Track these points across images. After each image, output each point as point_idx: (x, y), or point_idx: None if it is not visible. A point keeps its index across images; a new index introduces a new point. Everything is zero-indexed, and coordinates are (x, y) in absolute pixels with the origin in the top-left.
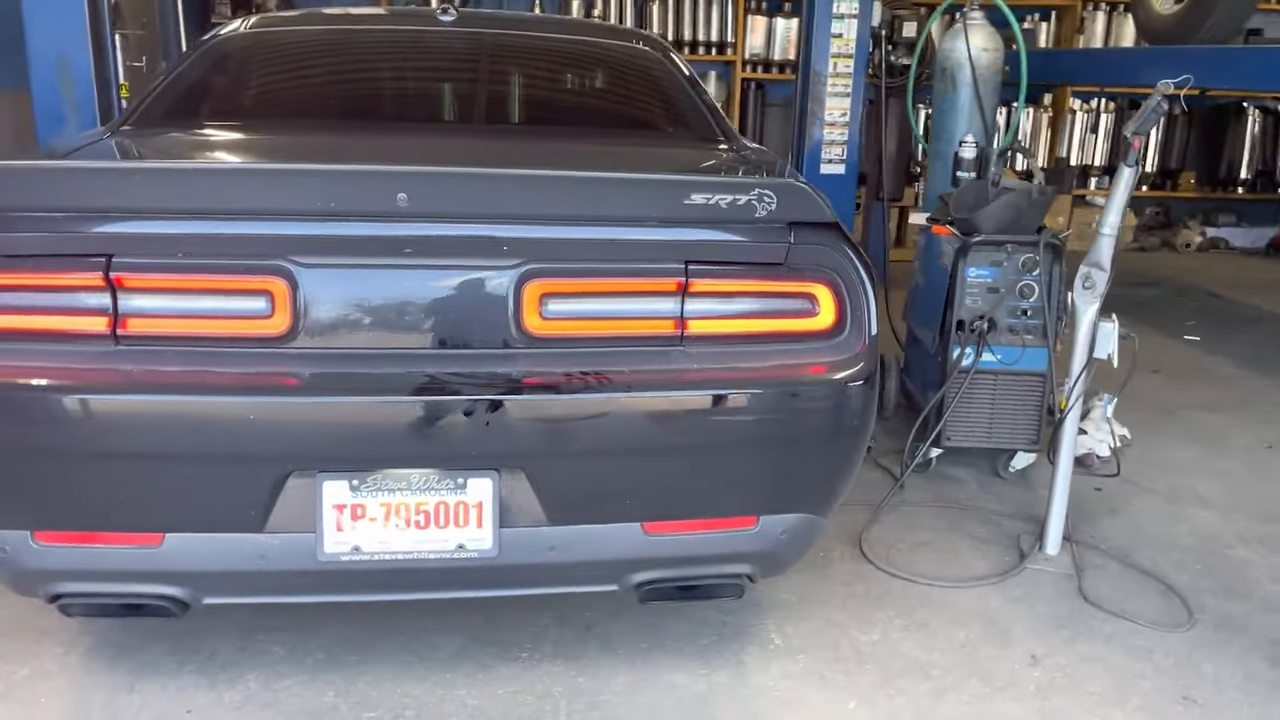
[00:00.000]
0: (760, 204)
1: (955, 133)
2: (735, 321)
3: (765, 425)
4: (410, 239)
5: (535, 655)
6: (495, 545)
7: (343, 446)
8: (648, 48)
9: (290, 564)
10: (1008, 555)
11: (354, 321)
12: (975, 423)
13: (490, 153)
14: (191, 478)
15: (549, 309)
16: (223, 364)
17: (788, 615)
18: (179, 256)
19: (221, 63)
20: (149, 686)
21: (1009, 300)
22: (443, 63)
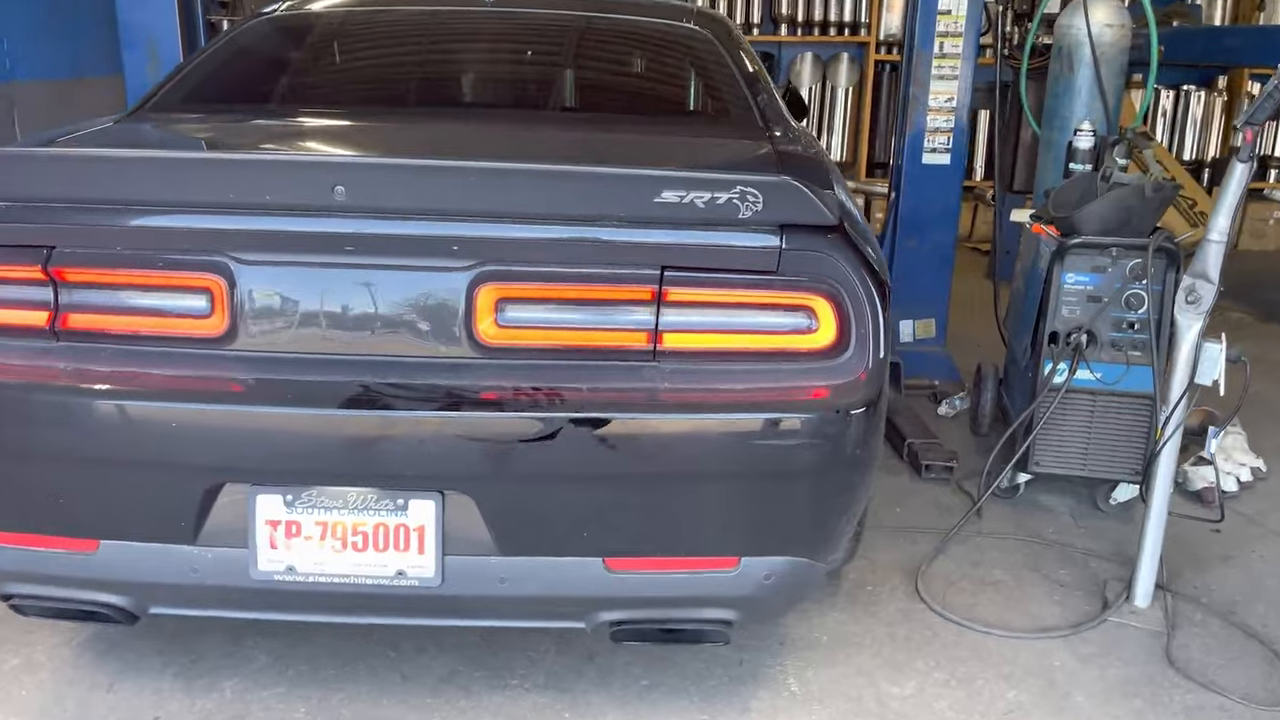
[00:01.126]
0: (744, 203)
1: (1070, 119)
2: (718, 336)
3: (749, 456)
4: (351, 236)
5: (525, 684)
6: (438, 574)
7: (276, 458)
8: (697, 28)
9: (223, 580)
10: (1088, 604)
11: (292, 324)
12: (1069, 447)
13: (494, 140)
14: (125, 484)
15: (505, 316)
16: (159, 365)
17: (813, 658)
18: (119, 250)
19: (247, 48)
20: (127, 686)
21: (1113, 311)
22: (476, 45)
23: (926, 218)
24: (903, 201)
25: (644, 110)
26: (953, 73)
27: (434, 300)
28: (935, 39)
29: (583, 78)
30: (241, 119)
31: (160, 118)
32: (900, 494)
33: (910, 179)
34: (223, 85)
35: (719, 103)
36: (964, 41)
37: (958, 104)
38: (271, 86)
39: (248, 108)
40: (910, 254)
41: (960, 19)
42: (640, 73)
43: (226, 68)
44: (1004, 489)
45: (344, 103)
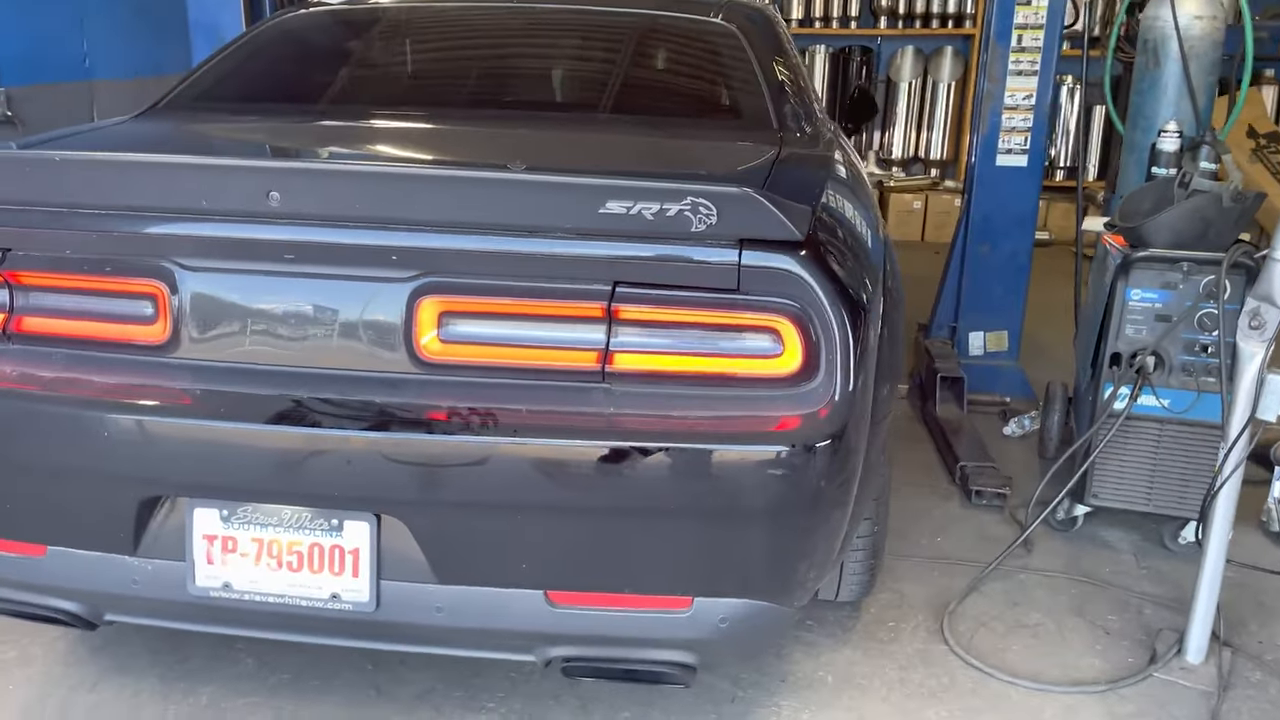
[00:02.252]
0: (696, 216)
1: (1155, 119)
2: (673, 359)
3: (703, 490)
4: (289, 243)
5: (501, 709)
6: (373, 599)
7: (212, 472)
8: (723, 23)
9: (161, 592)
10: (1134, 656)
11: (231, 333)
12: (1131, 480)
13: (476, 142)
14: (68, 491)
15: (445, 330)
16: (103, 371)
17: (813, 699)
18: (69, 254)
19: (263, 48)
20: (109, 687)
21: (1183, 333)
22: (487, 42)
23: (1000, 223)
24: (974, 206)
25: (647, 110)
26: (1032, 68)
27: (373, 312)
28: (1013, 31)
29: (586, 77)
30: (234, 121)
31: (160, 119)
32: (945, 521)
33: (982, 181)
34: (228, 87)
35: (731, 102)
36: (1045, 34)
37: (1037, 101)
38: (274, 88)
39: (247, 109)
40: (982, 261)
41: (1041, 9)
42: (649, 71)
43: (235, 69)
44: (1060, 521)
45: (339, 103)
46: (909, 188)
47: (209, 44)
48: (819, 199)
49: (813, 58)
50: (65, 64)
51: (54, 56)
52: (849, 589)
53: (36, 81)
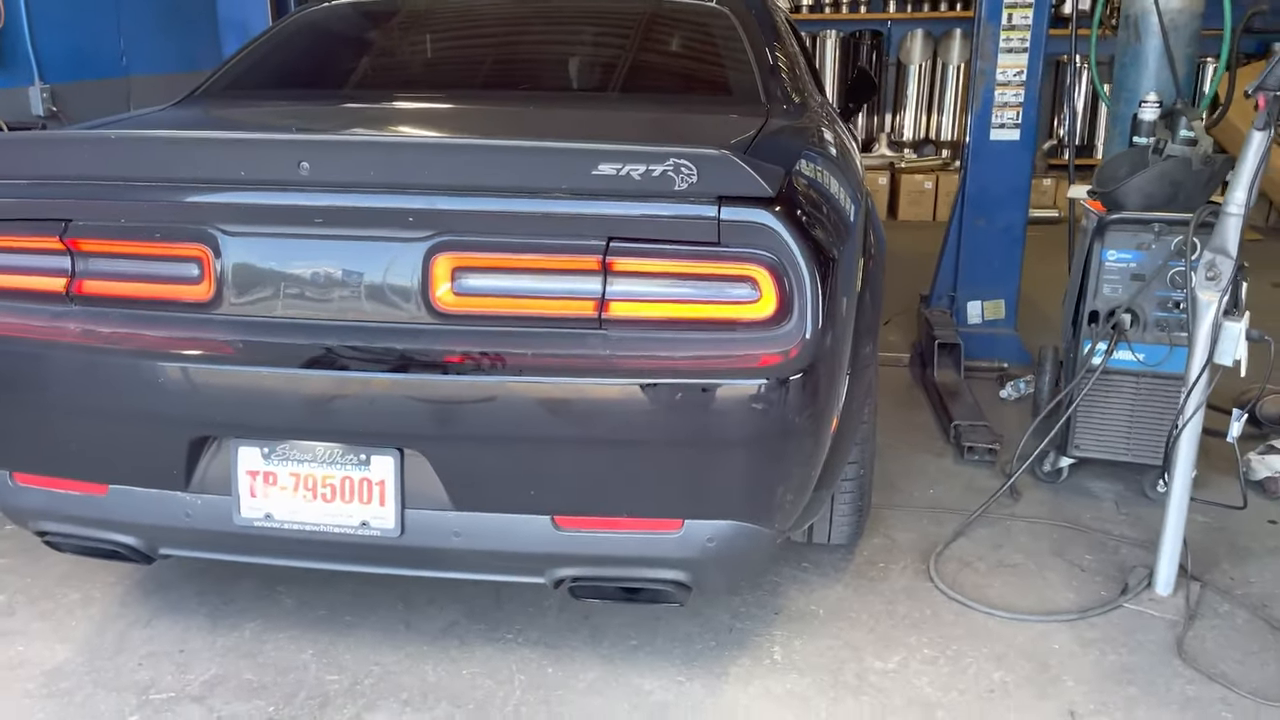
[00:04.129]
0: (679, 176)
1: (1138, 91)
2: (662, 305)
3: (690, 421)
4: (319, 209)
5: (519, 640)
6: (398, 525)
7: (254, 413)
8: (717, 5)
9: (211, 524)
10: (1106, 590)
11: (268, 290)
12: (1111, 431)
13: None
14: (127, 434)
15: (459, 284)
16: (156, 326)
17: (804, 629)
18: (124, 222)
19: (289, 39)
20: (163, 623)
21: (1156, 291)
22: (492, 29)
23: (995, 196)
24: (970, 179)
25: (643, 88)
26: (1022, 45)
27: (393, 269)
28: (1003, 10)
29: (587, 58)
30: (263, 104)
31: (195, 105)
32: (939, 475)
33: (977, 156)
34: (257, 75)
35: (723, 80)
36: (1034, 12)
37: (1028, 76)
38: (299, 75)
39: (275, 94)
40: (978, 233)
41: None
42: (645, 51)
43: (262, 60)
44: (1047, 473)
45: (360, 87)
46: (920, 168)
47: (238, 39)
48: (795, 163)
49: (824, 42)
50: (104, 61)
51: (94, 54)
52: (840, 532)
53: (77, 78)
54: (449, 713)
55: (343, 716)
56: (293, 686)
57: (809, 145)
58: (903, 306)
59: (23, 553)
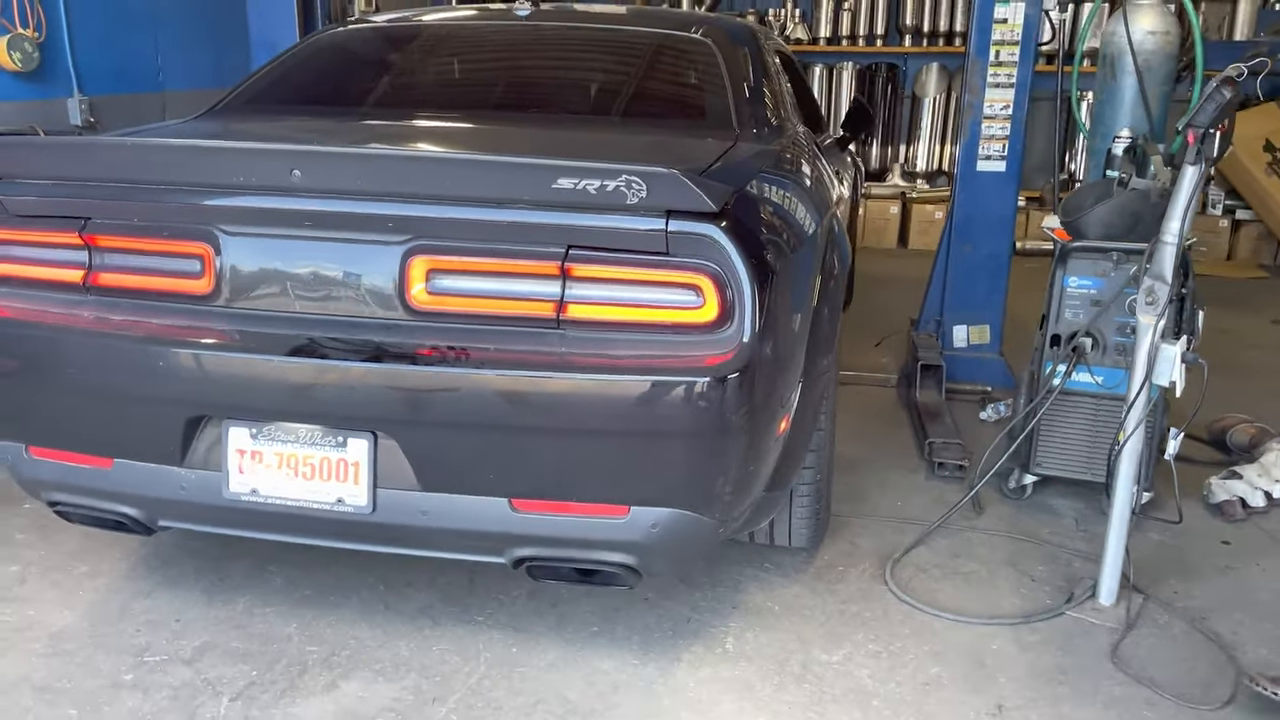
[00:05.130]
0: (630, 190)
1: (1113, 127)
2: (615, 309)
3: (636, 415)
4: (308, 212)
5: (489, 622)
6: (370, 503)
7: (244, 396)
8: (701, 38)
9: (202, 497)
10: (1051, 599)
11: (261, 285)
12: (1071, 451)
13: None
14: (131, 412)
15: (432, 284)
16: (161, 316)
17: (757, 622)
18: (136, 221)
19: (306, 59)
20: (162, 595)
21: (1115, 316)
22: (493, 55)
23: (981, 224)
24: (957, 208)
25: (626, 111)
26: (1009, 80)
27: (373, 269)
28: (991, 47)
29: (577, 83)
30: (272, 118)
31: (213, 118)
32: (909, 490)
33: (964, 185)
34: (273, 92)
35: (699, 106)
36: (1020, 49)
37: (1014, 110)
38: (311, 92)
39: (286, 109)
40: (964, 260)
41: (1017, 27)
42: (631, 78)
43: (279, 78)
44: (1012, 489)
45: (362, 104)
46: (930, 199)
47: (267, 57)
48: (747, 182)
49: (840, 74)
50: (141, 76)
51: (132, 70)
52: (799, 535)
53: (116, 92)
54: (416, 683)
55: (319, 683)
56: (275, 655)
57: (770, 168)
58: (897, 329)
59: (38, 529)
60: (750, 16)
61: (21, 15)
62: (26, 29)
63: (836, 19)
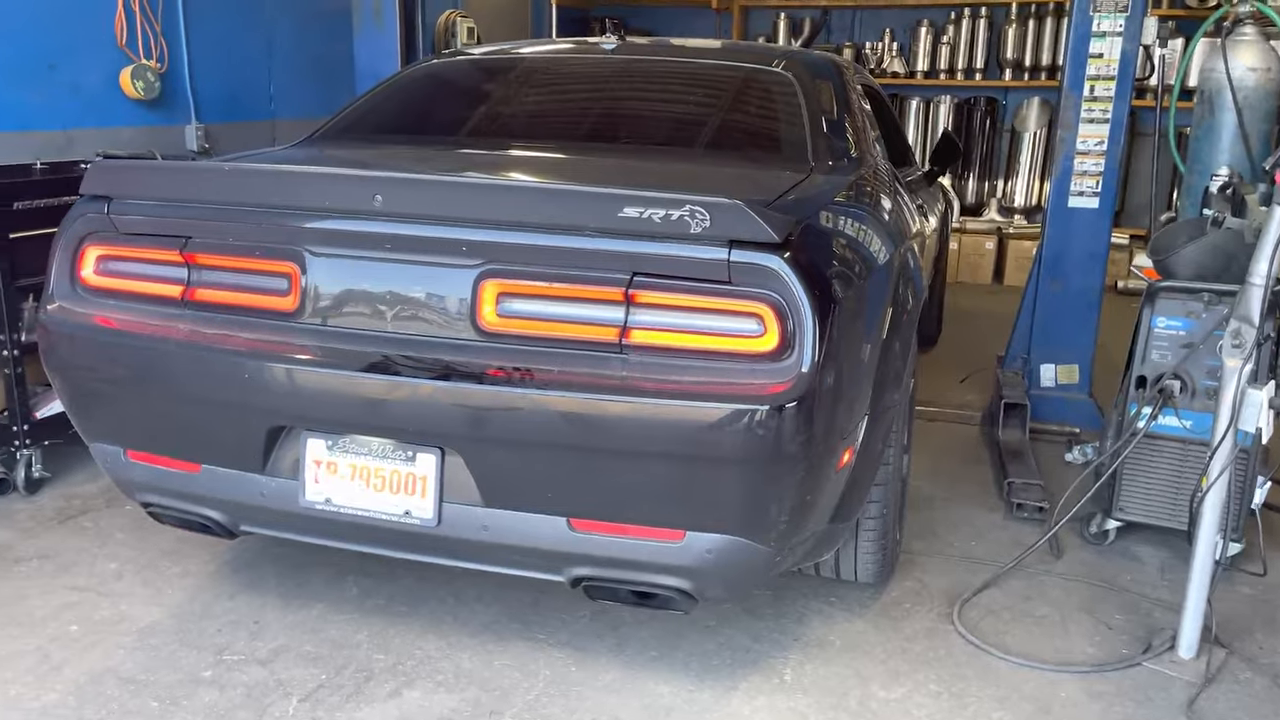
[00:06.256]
0: (694, 220)
1: (1211, 164)
2: (677, 335)
3: (695, 440)
4: (389, 236)
5: (550, 641)
6: (435, 516)
7: (323, 409)
8: (782, 71)
9: (280, 504)
10: (1128, 649)
11: (342, 304)
12: (1158, 496)
13: (547, 165)
14: (220, 421)
15: (502, 307)
16: (249, 330)
17: (818, 655)
18: (231, 240)
19: (400, 90)
20: (244, 597)
21: (1206, 359)
22: (582, 87)
23: (1072, 262)
24: (1047, 244)
25: (706, 143)
26: (1103, 116)
27: (447, 291)
28: (1085, 82)
29: (658, 116)
30: (364, 146)
31: (310, 146)
32: (986, 529)
33: (1055, 221)
34: (369, 121)
35: (776, 138)
36: (1116, 84)
37: (1109, 146)
38: (403, 121)
39: (378, 137)
40: (1054, 298)
41: (1113, 62)
42: (712, 111)
43: (375, 108)
44: (1093, 534)
45: (451, 133)
46: (1028, 234)
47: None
48: (815, 215)
49: (937, 108)
50: (254, 105)
51: (246, 98)
52: (865, 570)
53: (230, 120)
54: (476, 695)
55: (383, 690)
56: (344, 661)
57: (842, 200)
58: (983, 366)
59: (136, 528)
60: (847, 50)
61: (145, 46)
62: (150, 60)
63: (934, 52)
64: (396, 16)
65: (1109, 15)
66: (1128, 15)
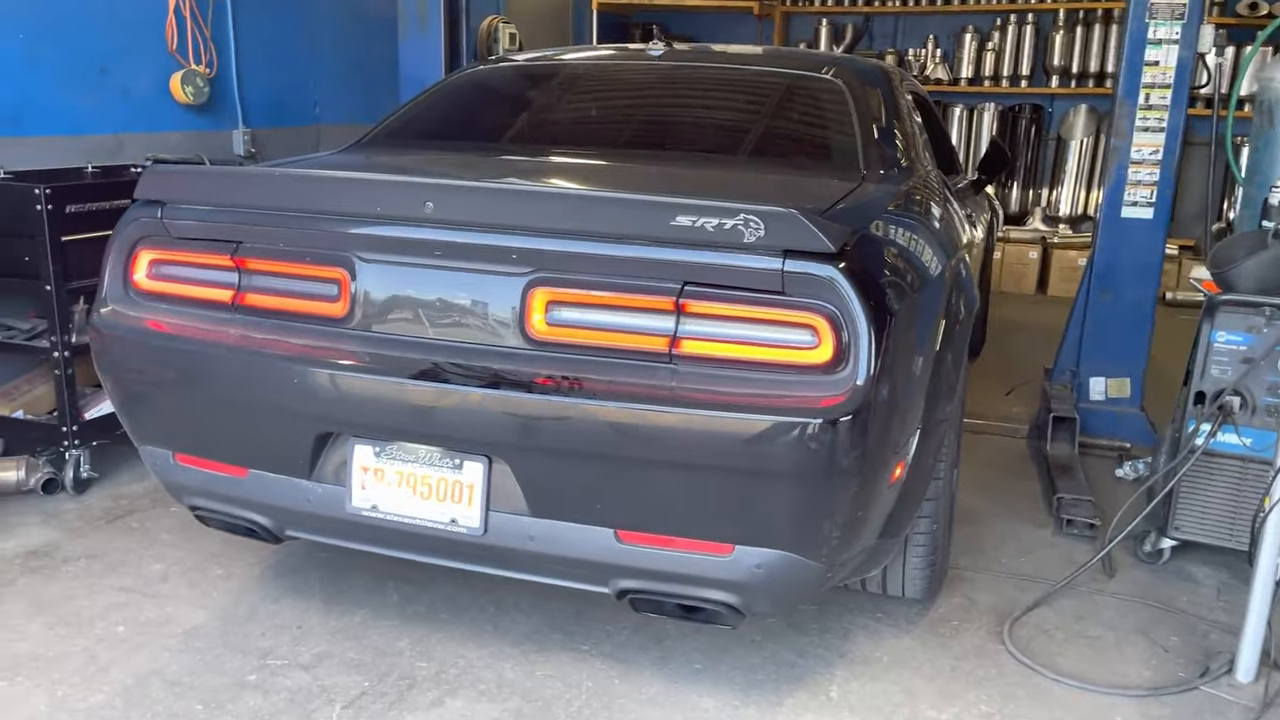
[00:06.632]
0: (748, 229)
1: (1270, 176)
2: (728, 346)
3: (745, 453)
4: (439, 243)
5: (593, 652)
6: (482, 525)
7: (371, 415)
8: (832, 79)
9: (327, 510)
10: (1184, 672)
11: (392, 310)
12: (1214, 515)
13: (595, 172)
14: (268, 425)
15: (551, 315)
16: (299, 335)
17: (864, 672)
18: (281, 246)
19: (445, 96)
20: (287, 601)
21: (1268, 375)
22: (628, 94)
23: (1124, 273)
24: (1099, 255)
25: (755, 151)
26: (1159, 124)
27: (497, 298)
28: (1140, 90)
29: (706, 124)
30: (412, 151)
31: (358, 151)
32: (1034, 545)
33: (1107, 231)
34: (415, 127)
35: (826, 146)
36: (1173, 93)
37: (1164, 157)
38: (449, 127)
39: (425, 143)
40: (1104, 309)
41: (1169, 70)
42: (761, 119)
43: (421, 114)
44: (1147, 553)
45: (498, 140)
46: (1074, 244)
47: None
48: (869, 224)
49: (981, 115)
50: (299, 110)
51: (291, 104)
52: (913, 585)
53: (275, 125)
54: (518, 706)
55: (426, 699)
56: (387, 668)
57: (895, 209)
58: (1029, 378)
59: (182, 530)
60: (890, 57)
61: (195, 52)
62: (199, 65)
63: (979, 59)
64: (441, 23)
65: (1165, 22)
66: (1184, 23)
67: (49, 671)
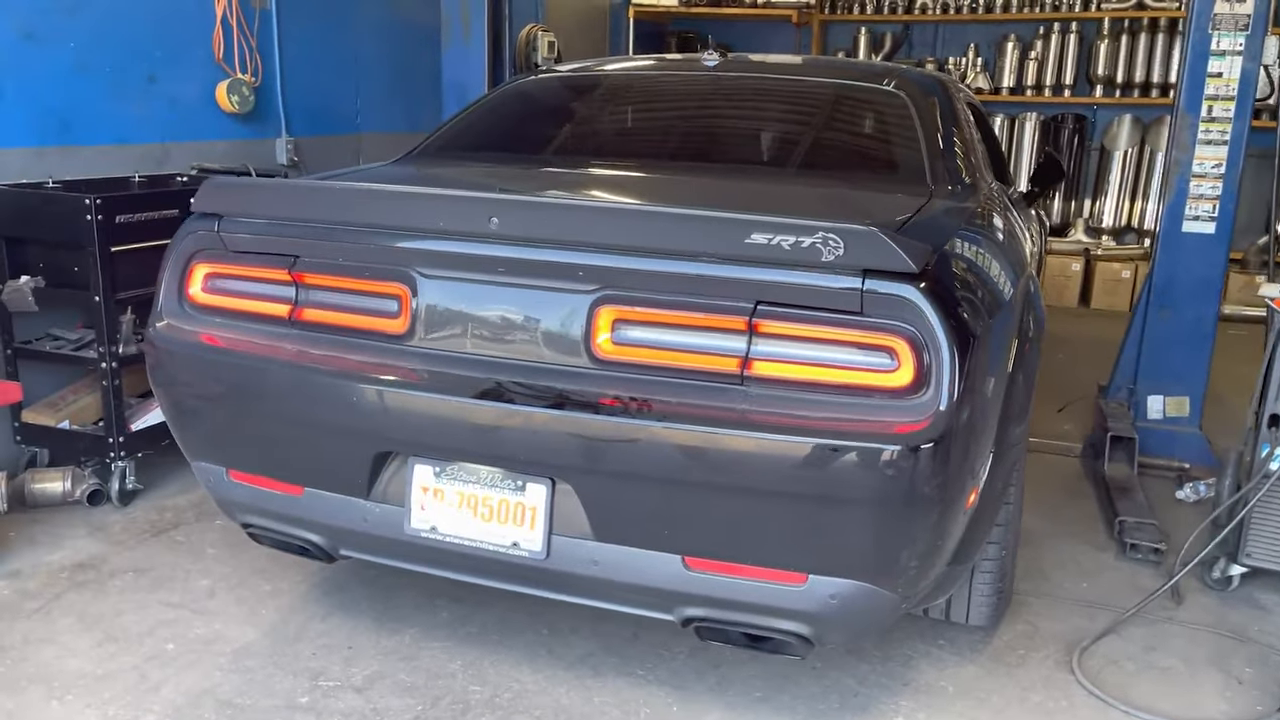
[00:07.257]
0: (826, 248)
1: None
2: (802, 368)
3: (821, 480)
4: (503, 259)
5: (650, 677)
6: (544, 549)
7: (432, 435)
8: (895, 90)
9: (384, 531)
10: (1263, 705)
11: (454, 328)
12: None
13: (659, 186)
14: (325, 443)
15: (618, 334)
16: (357, 352)
17: (930, 703)
18: (339, 260)
19: (498, 107)
20: (336, 619)
21: None
22: (683, 105)
23: (1184, 289)
24: (1158, 270)
25: (817, 165)
26: (1222, 137)
27: (562, 316)
28: (1203, 102)
29: (768, 135)
30: (469, 164)
31: (413, 162)
32: (1096, 570)
33: (1167, 247)
34: (467, 138)
35: (892, 160)
36: (1236, 105)
37: (1227, 171)
38: (505, 139)
39: (481, 156)
40: (1163, 326)
41: (1232, 82)
42: (822, 131)
43: (473, 125)
44: (1216, 580)
45: (557, 152)
46: (1118, 256)
47: (457, 102)
48: (947, 242)
49: (1022, 125)
50: (341, 119)
51: (333, 113)
52: (979, 612)
53: (318, 133)
54: None
55: None
56: (440, 691)
57: (967, 226)
58: (1079, 394)
59: (227, 544)
60: (929, 65)
61: (241, 61)
62: (245, 74)
63: (1021, 68)
64: (485, 31)
65: (1229, 34)
66: (1248, 34)
67: (100, 690)
